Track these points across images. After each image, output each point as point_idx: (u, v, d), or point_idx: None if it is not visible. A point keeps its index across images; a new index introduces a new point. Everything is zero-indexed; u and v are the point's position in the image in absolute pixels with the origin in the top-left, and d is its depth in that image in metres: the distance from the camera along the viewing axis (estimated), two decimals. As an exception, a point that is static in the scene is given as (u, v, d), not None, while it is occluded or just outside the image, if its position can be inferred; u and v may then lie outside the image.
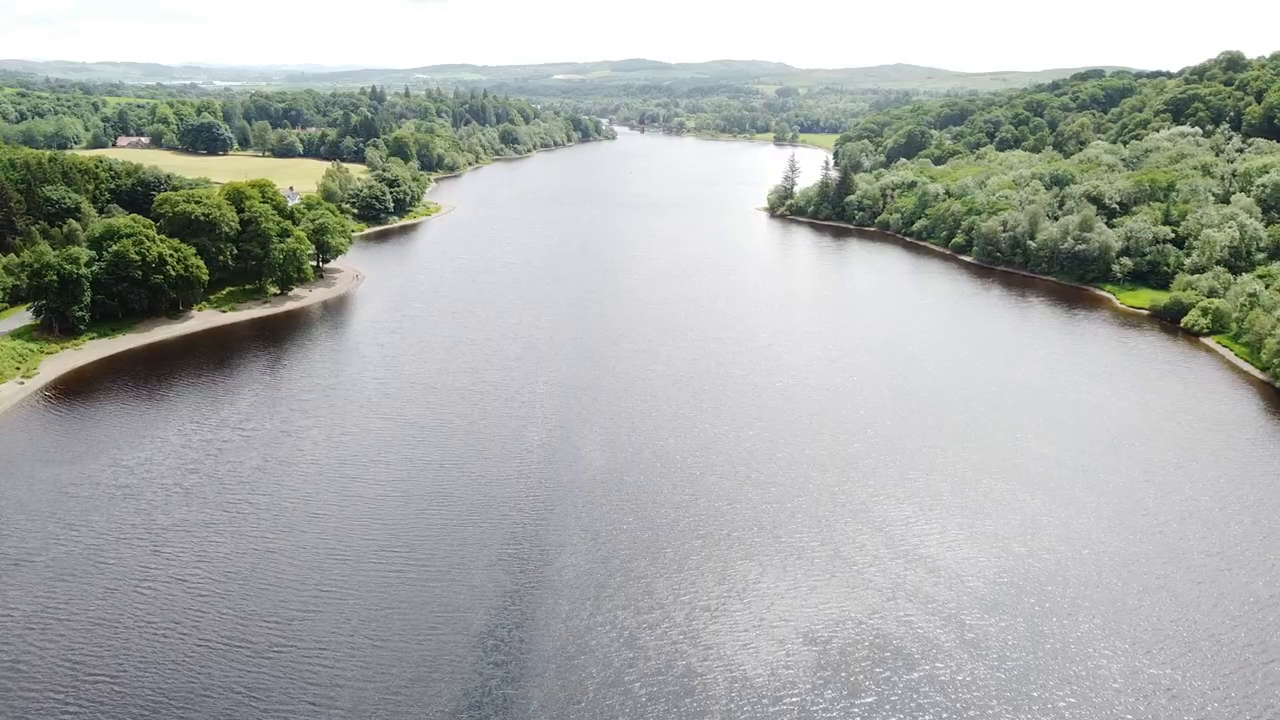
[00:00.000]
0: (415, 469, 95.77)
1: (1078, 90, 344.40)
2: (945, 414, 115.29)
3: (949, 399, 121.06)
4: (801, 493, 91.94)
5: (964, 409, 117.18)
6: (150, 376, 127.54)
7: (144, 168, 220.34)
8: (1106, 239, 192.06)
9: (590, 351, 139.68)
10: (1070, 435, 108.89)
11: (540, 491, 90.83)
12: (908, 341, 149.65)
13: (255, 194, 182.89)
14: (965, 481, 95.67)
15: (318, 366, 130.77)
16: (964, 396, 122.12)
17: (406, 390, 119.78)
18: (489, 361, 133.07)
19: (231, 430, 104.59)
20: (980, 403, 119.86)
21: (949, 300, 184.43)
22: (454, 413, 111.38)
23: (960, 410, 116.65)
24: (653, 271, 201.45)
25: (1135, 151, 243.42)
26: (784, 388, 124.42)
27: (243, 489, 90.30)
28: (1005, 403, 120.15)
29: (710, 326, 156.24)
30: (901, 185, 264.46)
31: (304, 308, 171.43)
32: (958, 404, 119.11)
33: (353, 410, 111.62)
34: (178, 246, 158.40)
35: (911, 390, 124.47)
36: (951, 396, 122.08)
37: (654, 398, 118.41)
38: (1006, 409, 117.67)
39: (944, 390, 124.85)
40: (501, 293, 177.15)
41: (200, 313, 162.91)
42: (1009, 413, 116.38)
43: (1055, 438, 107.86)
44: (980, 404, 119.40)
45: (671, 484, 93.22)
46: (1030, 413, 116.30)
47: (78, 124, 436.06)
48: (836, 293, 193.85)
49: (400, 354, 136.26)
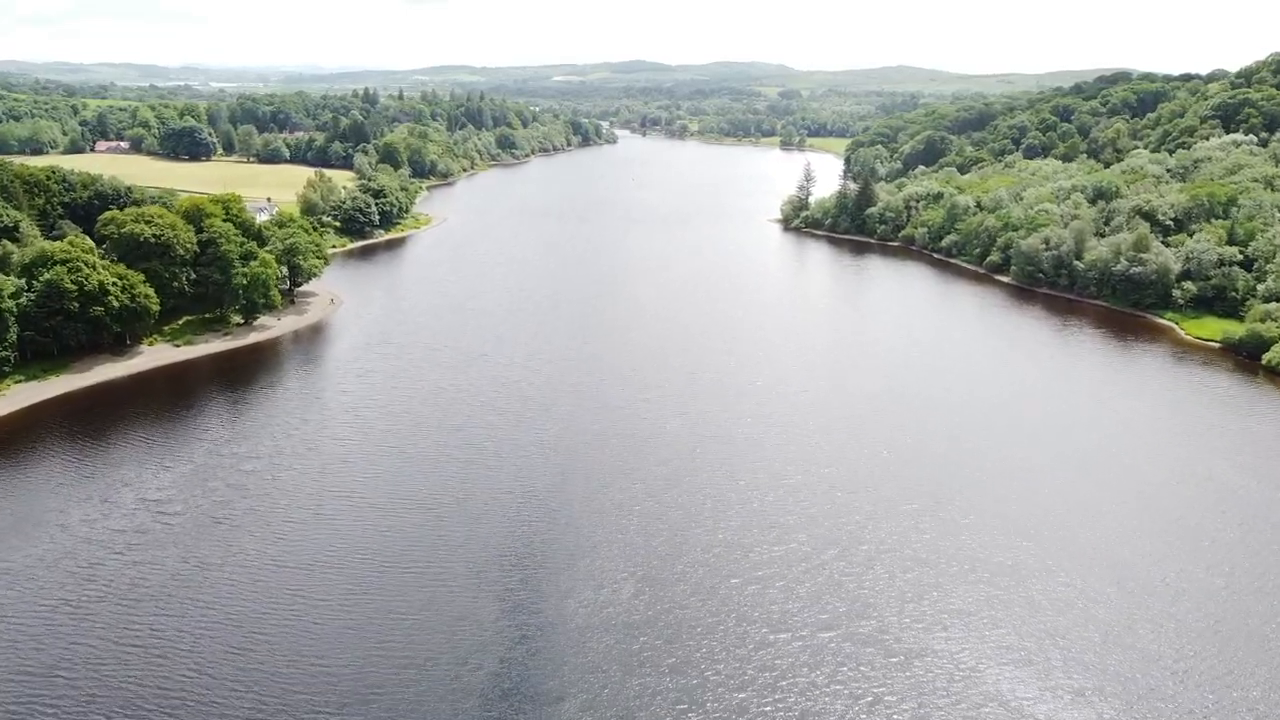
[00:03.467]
0: (365, 592, 76.05)
1: (1107, 94, 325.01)
2: (1002, 483, 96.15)
3: (1009, 463, 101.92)
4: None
5: (1023, 485, 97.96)
6: (78, 431, 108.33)
7: (103, 179, 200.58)
8: (1165, 260, 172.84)
9: (593, 404, 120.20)
10: (1173, 527, 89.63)
11: (546, 661, 67.60)
12: (953, 385, 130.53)
13: (217, 211, 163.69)
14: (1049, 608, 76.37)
15: (272, 421, 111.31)
16: (1023, 464, 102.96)
17: (372, 457, 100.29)
18: (475, 416, 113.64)
19: (152, 515, 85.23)
20: (1045, 479, 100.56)
21: (989, 328, 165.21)
22: (426, 494, 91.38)
23: (1020, 482, 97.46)
24: (660, 300, 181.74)
25: (1183, 161, 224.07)
26: (837, 457, 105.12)
27: (147, 608, 70.86)
28: (1081, 479, 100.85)
29: (728, 365, 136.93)
30: (927, 196, 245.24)
31: (271, 340, 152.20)
32: (1017, 477, 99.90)
33: (304, 487, 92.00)
34: (123, 273, 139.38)
35: (972, 453, 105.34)
36: (1010, 462, 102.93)
37: (675, 480, 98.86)
38: (1084, 485, 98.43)
39: (1002, 450, 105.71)
40: (492, 325, 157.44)
41: (151, 347, 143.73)
42: (1088, 492, 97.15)
43: (1157, 533, 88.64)
44: (1045, 481, 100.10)
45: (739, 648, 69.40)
46: (1118, 498, 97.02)
47: (55, 128, 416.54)
48: (866, 324, 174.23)
49: (371, 405, 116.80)
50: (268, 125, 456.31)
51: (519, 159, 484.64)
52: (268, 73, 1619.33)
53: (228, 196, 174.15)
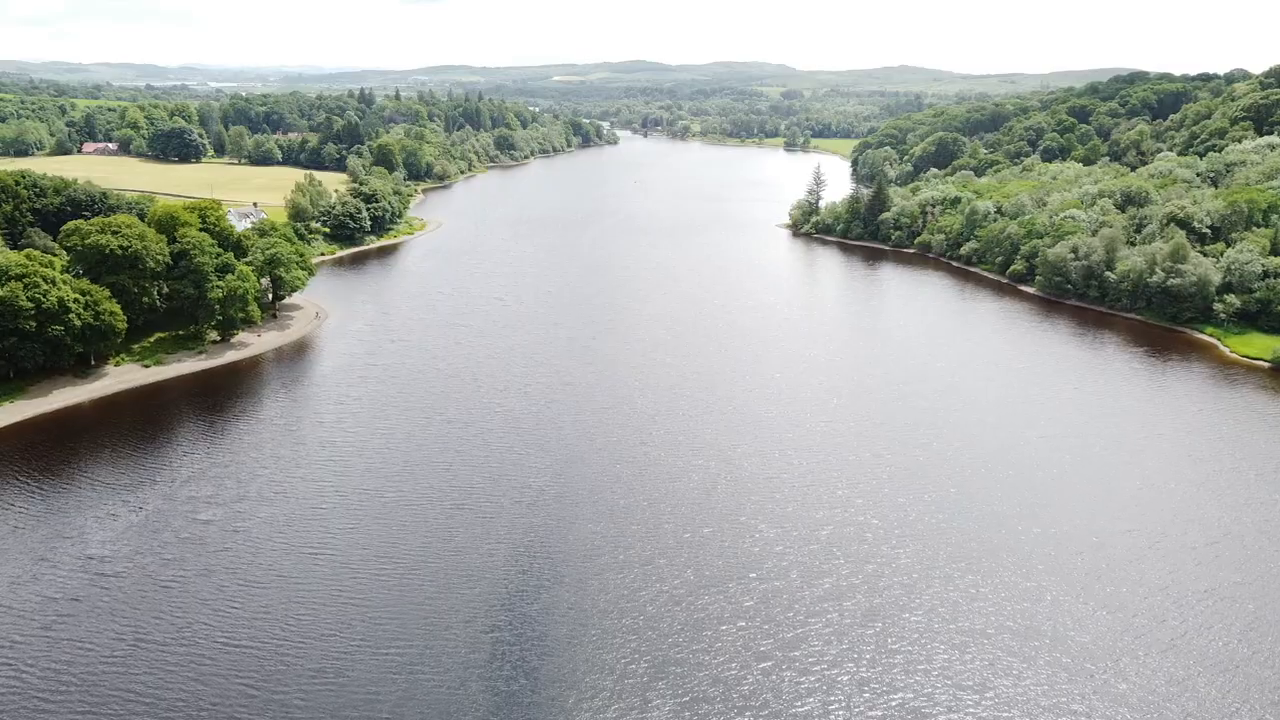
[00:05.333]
0: (336, 675, 65.31)
1: (1125, 94, 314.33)
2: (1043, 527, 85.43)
3: (1046, 496, 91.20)
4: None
5: (1066, 527, 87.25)
6: (25, 468, 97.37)
7: (77, 184, 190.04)
8: (1204, 271, 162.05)
9: (594, 440, 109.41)
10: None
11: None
12: (989, 419, 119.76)
13: (193, 219, 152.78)
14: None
15: (239, 458, 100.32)
16: (1066, 502, 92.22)
17: (348, 503, 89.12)
18: (465, 452, 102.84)
19: (90, 576, 74.32)
20: (1090, 523, 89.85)
21: (1017, 346, 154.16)
22: (407, 551, 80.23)
23: (1063, 524, 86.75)
24: (667, 315, 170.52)
25: (1215, 165, 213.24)
26: (880, 505, 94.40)
27: (69, 705, 60.04)
28: (1157, 545, 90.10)
29: (741, 390, 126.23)
30: (944, 201, 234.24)
31: (249, 359, 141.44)
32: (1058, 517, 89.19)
33: (268, 542, 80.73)
34: (86, 288, 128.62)
35: (1008, 488, 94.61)
36: (1048, 494, 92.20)
37: (697, 539, 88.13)
38: (1140, 536, 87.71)
39: (1038, 481, 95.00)
40: (485, 345, 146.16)
41: (117, 368, 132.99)
42: (1152, 547, 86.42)
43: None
44: (1091, 525, 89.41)
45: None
46: (1201, 558, 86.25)
47: (41, 129, 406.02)
48: (888, 347, 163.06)
49: (350, 439, 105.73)
50: (260, 126, 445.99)
51: (518, 161, 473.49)
52: (267, 73, 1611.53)
53: (205, 204, 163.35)
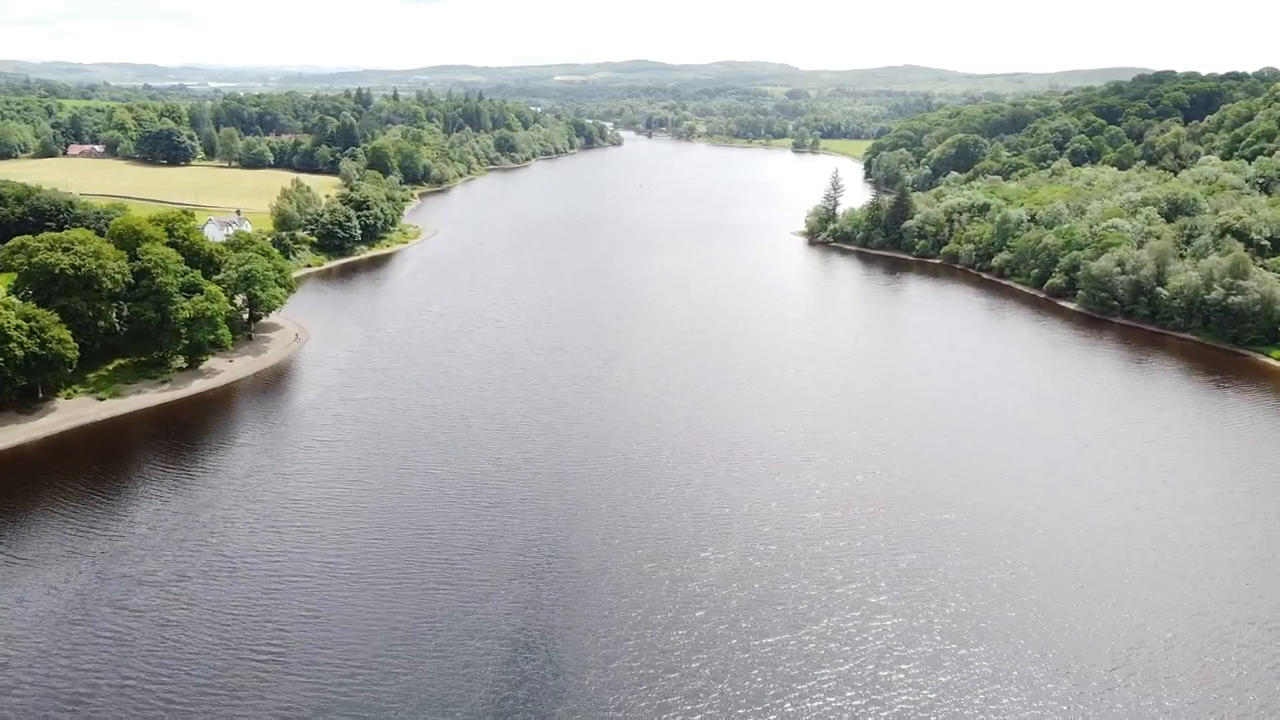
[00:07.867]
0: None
1: (1156, 94, 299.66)
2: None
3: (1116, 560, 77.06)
4: None
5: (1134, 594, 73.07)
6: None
7: (41, 191, 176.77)
8: (1270, 288, 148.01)
9: (600, 491, 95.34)
10: None
11: None
12: (1034, 459, 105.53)
13: (158, 233, 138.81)
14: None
15: (187, 521, 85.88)
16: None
17: (309, 584, 74.66)
18: (449, 509, 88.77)
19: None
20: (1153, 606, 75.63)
21: (1063, 369, 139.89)
22: (384, 645, 66.65)
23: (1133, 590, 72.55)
24: (677, 337, 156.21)
25: (1265, 170, 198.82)
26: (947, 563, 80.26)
27: None
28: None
29: (758, 427, 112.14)
30: (971, 208, 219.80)
31: (217, 389, 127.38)
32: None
33: (205, 642, 66.30)
34: (32, 313, 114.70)
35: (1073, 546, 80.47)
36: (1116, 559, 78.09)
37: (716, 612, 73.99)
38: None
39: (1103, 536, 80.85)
40: (477, 376, 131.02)
41: (68, 400, 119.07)
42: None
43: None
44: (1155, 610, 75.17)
45: None
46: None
47: (26, 130, 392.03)
48: (920, 371, 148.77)
49: (318, 495, 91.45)
50: (254, 127, 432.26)
51: (519, 163, 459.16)
52: (267, 73, 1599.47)
53: (173, 215, 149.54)
